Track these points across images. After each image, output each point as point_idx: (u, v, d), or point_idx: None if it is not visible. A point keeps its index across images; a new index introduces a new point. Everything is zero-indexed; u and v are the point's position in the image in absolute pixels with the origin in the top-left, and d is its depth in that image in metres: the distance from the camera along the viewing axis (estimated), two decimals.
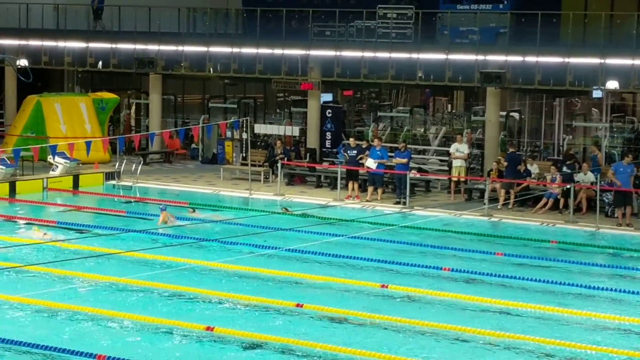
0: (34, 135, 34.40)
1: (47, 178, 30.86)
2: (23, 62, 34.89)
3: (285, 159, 31.95)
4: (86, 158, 31.10)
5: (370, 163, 28.93)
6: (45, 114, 35.03)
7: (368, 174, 29.34)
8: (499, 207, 28.06)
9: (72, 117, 35.39)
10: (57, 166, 31.21)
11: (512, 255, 22.96)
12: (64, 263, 20.43)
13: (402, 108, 39.30)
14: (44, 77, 39.96)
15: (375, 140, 30.35)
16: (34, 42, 37.43)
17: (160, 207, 25.90)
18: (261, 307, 18.37)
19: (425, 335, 17.00)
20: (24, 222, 25.32)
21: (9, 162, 29.76)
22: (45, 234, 23.41)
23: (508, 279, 20.72)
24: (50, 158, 31.10)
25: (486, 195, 27.89)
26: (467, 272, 21.20)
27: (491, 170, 29.13)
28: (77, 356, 15.32)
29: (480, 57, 30.86)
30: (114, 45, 36.56)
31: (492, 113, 31.84)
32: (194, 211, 26.95)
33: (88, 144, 28.15)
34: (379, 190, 29.26)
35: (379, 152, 29.16)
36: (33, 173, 31.17)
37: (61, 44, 37.32)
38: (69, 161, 31.00)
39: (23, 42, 37.49)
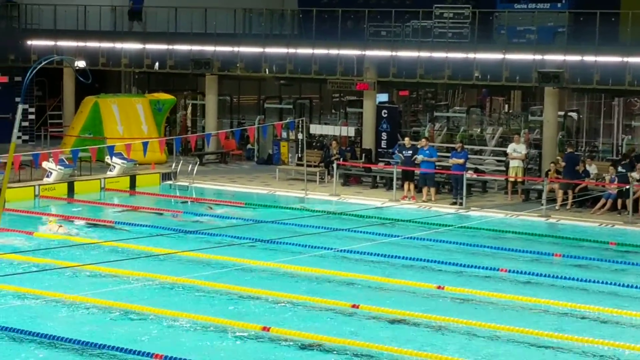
0: (91, 136, 34.72)
1: (105, 178, 31.09)
2: (81, 64, 35.10)
3: (341, 159, 31.91)
4: (143, 159, 31.33)
5: (420, 158, 28.84)
6: (102, 115, 35.35)
7: (419, 175, 29.16)
8: (556, 207, 27.79)
9: (129, 118, 35.65)
10: (114, 167, 31.42)
11: (570, 256, 22.71)
12: (119, 263, 20.52)
13: (458, 108, 39.11)
14: (101, 79, 40.26)
15: (423, 140, 30.17)
16: (92, 44, 37.73)
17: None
18: (317, 308, 18.32)
19: (482, 336, 16.84)
20: (82, 222, 25.47)
21: (67, 163, 30.00)
22: (60, 226, 23.58)
23: (566, 281, 20.49)
24: (107, 159, 31.34)
25: (544, 195, 27.62)
26: (525, 273, 21.00)
27: (549, 170, 28.84)
28: (133, 355, 15.36)
29: (538, 57, 30.56)
30: (170, 47, 36.72)
31: (550, 113, 31.51)
32: (211, 208, 27.48)
33: (145, 144, 28.30)
34: (432, 190, 29.08)
35: (427, 151, 29.02)
36: (91, 173, 31.42)
37: (118, 45, 37.61)
38: (126, 162, 31.20)
39: (81, 44, 37.80)
